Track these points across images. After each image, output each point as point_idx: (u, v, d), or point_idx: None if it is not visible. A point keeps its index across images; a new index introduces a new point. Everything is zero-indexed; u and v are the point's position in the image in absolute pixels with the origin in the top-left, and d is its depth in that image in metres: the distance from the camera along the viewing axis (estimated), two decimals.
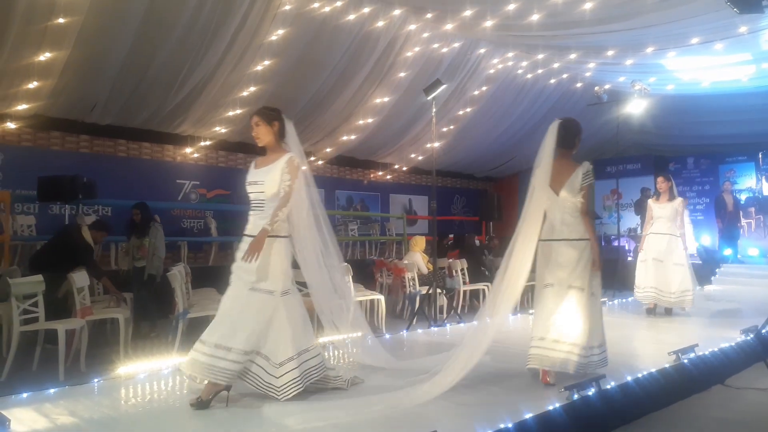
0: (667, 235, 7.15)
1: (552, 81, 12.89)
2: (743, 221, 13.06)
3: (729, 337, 5.44)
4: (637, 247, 8.59)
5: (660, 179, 7.44)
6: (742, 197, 14.10)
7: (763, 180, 14.31)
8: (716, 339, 5.33)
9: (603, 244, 13.23)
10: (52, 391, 3.88)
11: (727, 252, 12.25)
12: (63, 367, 5.02)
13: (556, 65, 12.12)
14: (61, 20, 7.56)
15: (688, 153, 15.86)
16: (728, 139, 14.54)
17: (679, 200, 7.27)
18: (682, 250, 7.20)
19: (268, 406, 3.49)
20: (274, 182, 3.62)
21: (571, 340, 3.90)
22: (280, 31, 9.16)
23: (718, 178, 15.15)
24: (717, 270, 11.23)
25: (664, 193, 7.28)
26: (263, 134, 3.74)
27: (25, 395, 3.74)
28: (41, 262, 6.40)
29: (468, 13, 9.08)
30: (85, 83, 8.96)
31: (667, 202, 7.23)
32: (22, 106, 9.10)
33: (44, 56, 8.05)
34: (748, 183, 14.97)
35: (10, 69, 8.13)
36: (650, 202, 7.49)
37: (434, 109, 7.84)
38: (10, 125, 9.49)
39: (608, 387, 3.81)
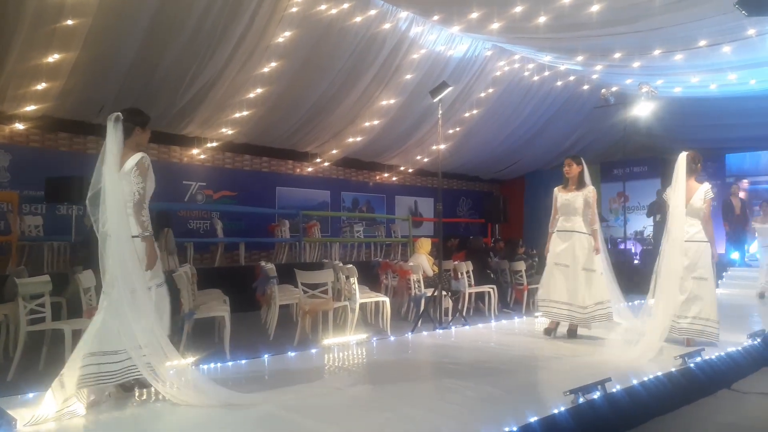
0: (574, 233, 5.80)
1: (558, 83, 12.87)
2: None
3: (736, 341, 5.41)
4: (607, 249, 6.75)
5: (567, 161, 5.96)
6: None
7: None
8: (723, 343, 5.30)
9: (609, 247, 13.16)
10: None
11: (734, 255, 12.17)
12: None
13: (562, 67, 12.10)
14: (69, 22, 7.62)
15: None
16: (736, 142, 14.47)
17: (589, 188, 5.84)
18: (593, 251, 5.77)
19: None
20: None
21: (705, 316, 5.33)
22: (287, 33, 9.20)
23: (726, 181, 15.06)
24: (724, 274, 11.16)
25: (573, 180, 5.89)
26: None
27: (31, 395, 3.74)
28: None
29: (474, 15, 9.08)
30: (93, 85, 9.01)
31: (574, 191, 5.85)
32: (30, 107, 9.16)
33: (52, 58, 8.11)
34: None
35: (19, 70, 8.19)
36: (556, 191, 6.03)
37: (440, 111, 7.83)
38: (19, 126, 9.56)
39: (614, 390, 3.79)
